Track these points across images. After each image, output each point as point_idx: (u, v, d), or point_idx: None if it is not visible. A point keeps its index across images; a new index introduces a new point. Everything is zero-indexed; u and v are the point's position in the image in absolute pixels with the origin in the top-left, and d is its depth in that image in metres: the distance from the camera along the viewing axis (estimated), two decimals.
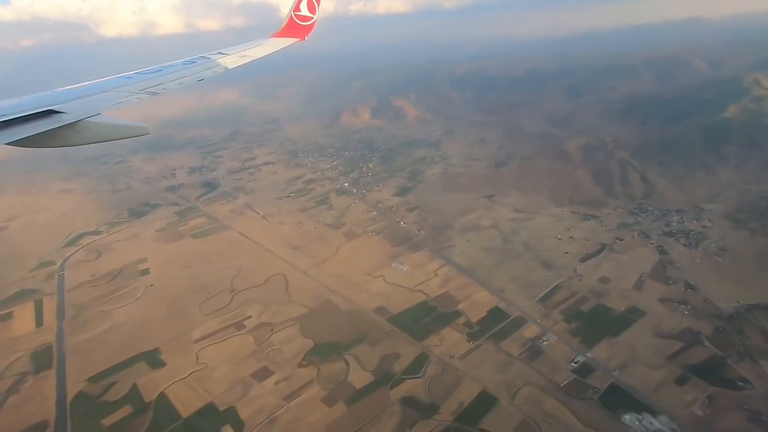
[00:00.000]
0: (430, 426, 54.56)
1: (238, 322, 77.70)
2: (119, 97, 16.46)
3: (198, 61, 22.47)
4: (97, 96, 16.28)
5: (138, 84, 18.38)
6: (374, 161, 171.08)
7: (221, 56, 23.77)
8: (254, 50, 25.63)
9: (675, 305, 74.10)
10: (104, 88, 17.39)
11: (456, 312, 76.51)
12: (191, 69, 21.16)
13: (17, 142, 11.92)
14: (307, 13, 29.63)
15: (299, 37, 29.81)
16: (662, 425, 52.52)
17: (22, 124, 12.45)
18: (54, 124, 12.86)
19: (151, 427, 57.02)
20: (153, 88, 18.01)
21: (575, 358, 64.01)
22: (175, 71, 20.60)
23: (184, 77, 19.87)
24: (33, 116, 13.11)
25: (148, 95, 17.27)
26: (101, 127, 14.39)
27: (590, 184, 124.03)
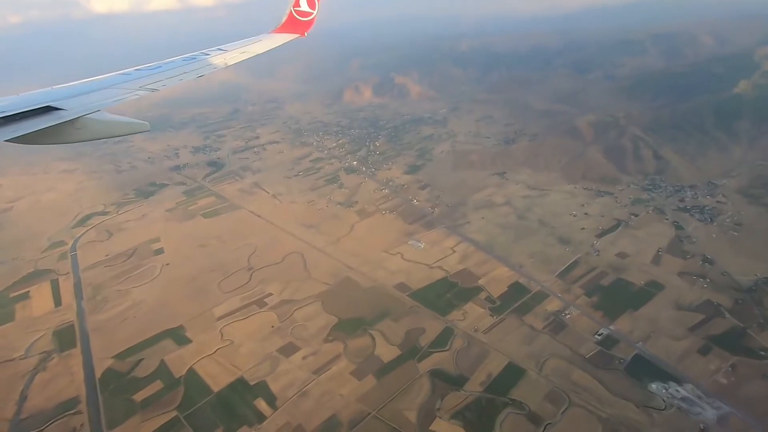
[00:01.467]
0: (461, 396, 55.44)
1: (260, 300, 77.79)
2: (119, 94, 16.61)
3: (197, 58, 22.69)
4: (97, 93, 16.36)
5: (137, 81, 18.51)
6: (381, 139, 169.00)
7: (220, 52, 23.92)
8: (253, 46, 25.88)
9: (693, 279, 74.83)
10: (104, 85, 17.47)
11: (477, 287, 76.92)
12: (190, 65, 21.42)
13: (17, 139, 12.04)
14: (307, 8, 29.57)
15: (299, 32, 29.94)
16: (688, 393, 53.67)
17: (22, 120, 12.59)
18: (54, 121, 12.95)
19: (184, 402, 57.54)
20: (152, 85, 18.21)
21: (599, 331, 64.83)
22: (174, 68, 20.80)
23: (184, 73, 20.16)
24: (33, 113, 13.20)
25: (148, 92, 17.50)
26: (101, 123, 14.64)
27: (602, 160, 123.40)
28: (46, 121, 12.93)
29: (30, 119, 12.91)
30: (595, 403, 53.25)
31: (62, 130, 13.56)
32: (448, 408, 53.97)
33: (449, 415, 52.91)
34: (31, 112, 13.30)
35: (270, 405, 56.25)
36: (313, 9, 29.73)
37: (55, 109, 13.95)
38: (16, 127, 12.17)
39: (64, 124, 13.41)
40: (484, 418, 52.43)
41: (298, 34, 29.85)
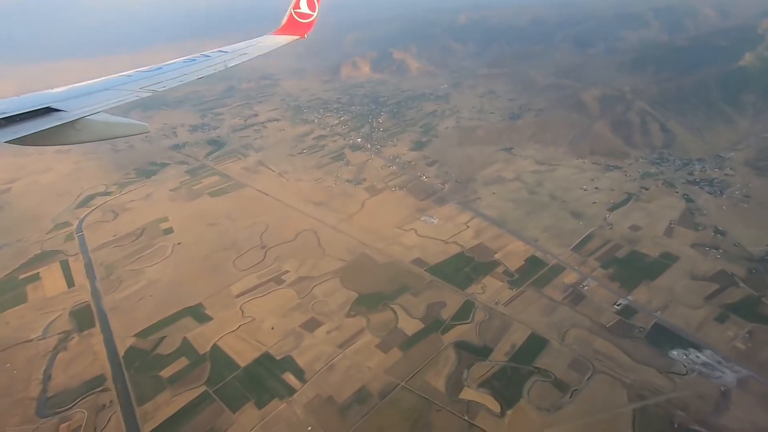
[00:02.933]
0: (487, 366, 56.43)
1: (277, 277, 77.56)
2: (119, 95, 16.62)
3: (198, 59, 22.80)
4: (97, 94, 16.40)
5: (138, 82, 18.54)
6: (383, 116, 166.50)
7: (221, 54, 24.06)
8: (254, 48, 26.10)
9: (706, 250, 76.02)
10: (104, 86, 17.47)
11: (494, 262, 77.41)
12: (191, 67, 21.43)
13: (18, 140, 12.20)
14: (307, 10, 29.78)
15: (299, 34, 30.22)
16: (708, 359, 55.19)
17: (22, 122, 12.69)
18: (54, 122, 13.05)
19: (212, 377, 57.83)
20: (153, 86, 18.27)
21: (617, 301, 65.94)
22: (175, 69, 20.85)
23: (184, 75, 20.15)
24: (33, 114, 13.27)
25: (148, 93, 17.60)
26: (101, 125, 14.73)
27: (609, 135, 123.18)
28: (47, 122, 13.02)
29: (30, 120, 12.98)
30: (618, 370, 54.56)
31: (62, 131, 13.68)
32: (476, 377, 54.96)
33: (477, 384, 53.92)
34: (32, 113, 13.32)
35: (299, 378, 56.78)
36: (313, 11, 29.95)
37: (56, 111, 14.00)
38: (16, 128, 12.29)
39: (65, 125, 13.50)
40: (512, 385, 53.54)
41: (298, 36, 30.08)
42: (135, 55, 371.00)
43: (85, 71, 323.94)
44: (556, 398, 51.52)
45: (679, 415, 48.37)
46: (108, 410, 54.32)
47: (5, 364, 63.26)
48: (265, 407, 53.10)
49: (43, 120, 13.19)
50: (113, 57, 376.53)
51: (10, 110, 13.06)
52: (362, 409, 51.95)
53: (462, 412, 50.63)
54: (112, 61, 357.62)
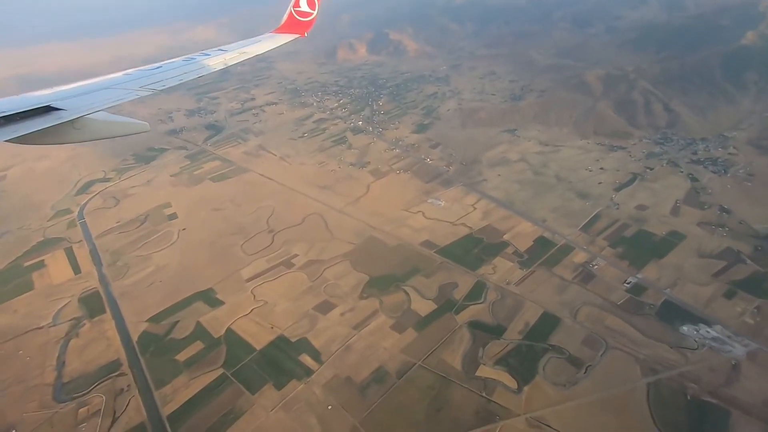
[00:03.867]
0: (501, 344, 57.14)
1: (286, 261, 77.36)
2: (119, 94, 16.57)
3: (197, 58, 22.87)
4: (97, 93, 16.32)
5: (138, 81, 18.54)
6: (383, 98, 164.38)
7: (221, 53, 24.13)
8: (254, 47, 26.10)
9: (713, 228, 76.78)
10: (104, 85, 17.46)
11: (503, 242, 77.69)
12: (191, 66, 21.54)
13: (18, 139, 12.19)
14: (307, 9, 29.72)
15: (299, 33, 30.18)
16: (718, 333, 56.28)
17: (22, 121, 12.68)
18: (54, 121, 13.04)
19: (229, 360, 58.04)
20: (153, 85, 18.30)
21: (627, 279, 66.70)
22: (174, 68, 20.90)
23: (184, 74, 20.22)
24: (33, 113, 13.24)
25: (148, 92, 17.64)
26: (101, 124, 14.87)
27: (613, 115, 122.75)
28: (47, 121, 12.98)
29: (30, 119, 12.95)
30: (631, 346, 55.52)
31: (62, 130, 13.73)
32: (491, 355, 55.68)
33: (493, 362, 54.66)
34: (32, 111, 13.28)
35: (315, 360, 57.17)
36: (313, 9, 29.85)
37: (56, 109, 13.85)
38: (16, 127, 12.25)
39: (65, 124, 13.48)
40: (527, 362, 54.35)
41: (298, 35, 30.14)
42: (125, 38, 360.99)
43: (72, 55, 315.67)
44: (571, 374, 52.43)
45: (692, 388, 49.49)
46: (126, 394, 54.48)
47: (17, 351, 63.00)
48: (284, 388, 53.52)
49: (42, 119, 13.10)
50: (102, 40, 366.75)
51: (10, 109, 12.92)
52: (381, 388, 52.55)
53: (479, 389, 51.40)
54: (100, 44, 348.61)
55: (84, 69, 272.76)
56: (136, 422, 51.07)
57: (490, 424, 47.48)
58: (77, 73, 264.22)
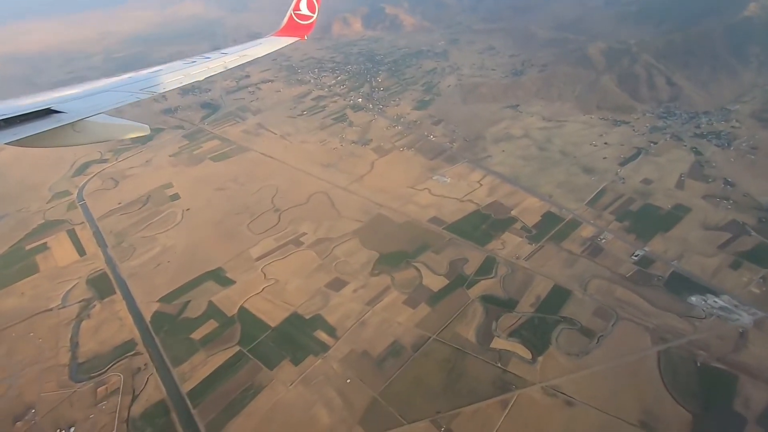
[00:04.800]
0: (514, 317, 58.04)
1: (295, 239, 77.09)
2: (119, 97, 16.59)
3: (198, 61, 22.95)
4: (97, 96, 16.35)
5: (138, 84, 18.51)
6: (382, 75, 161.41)
7: (222, 56, 24.19)
8: (254, 50, 26.11)
9: (717, 201, 77.66)
10: (104, 88, 17.44)
11: (511, 218, 77.98)
12: (191, 68, 21.49)
13: (18, 142, 12.20)
14: (307, 12, 29.79)
15: (299, 36, 30.10)
16: (725, 303, 57.61)
17: (22, 123, 12.67)
18: (54, 124, 13.06)
19: (244, 337, 58.35)
20: (153, 88, 18.29)
21: (635, 252, 67.60)
22: (175, 71, 20.89)
23: (184, 77, 20.24)
24: (33, 116, 13.22)
25: (148, 95, 17.61)
26: (101, 126, 14.77)
27: (616, 89, 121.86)
28: (47, 124, 13.00)
29: (30, 122, 12.94)
30: (641, 316, 56.71)
31: (63, 133, 13.71)
32: (504, 328, 56.59)
33: (507, 334, 55.61)
34: (32, 114, 13.26)
35: (331, 335, 57.70)
36: (313, 12, 29.97)
37: (55, 112, 13.81)
38: (16, 130, 12.26)
39: (65, 127, 13.54)
40: (540, 334, 55.37)
41: (298, 38, 30.07)
42: (110, 13, 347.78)
43: (55, 32, 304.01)
44: (583, 344, 53.58)
45: (701, 355, 50.93)
46: (144, 372, 54.76)
47: (28, 334, 62.66)
48: (301, 363, 54.11)
49: (43, 122, 13.10)
50: (86, 15, 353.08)
51: (10, 112, 12.90)
52: (398, 361, 53.35)
53: (495, 360, 52.42)
54: (84, 19, 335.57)
55: (68, 46, 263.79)
56: (156, 399, 51.50)
57: (506, 393, 48.63)
58: (61, 51, 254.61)
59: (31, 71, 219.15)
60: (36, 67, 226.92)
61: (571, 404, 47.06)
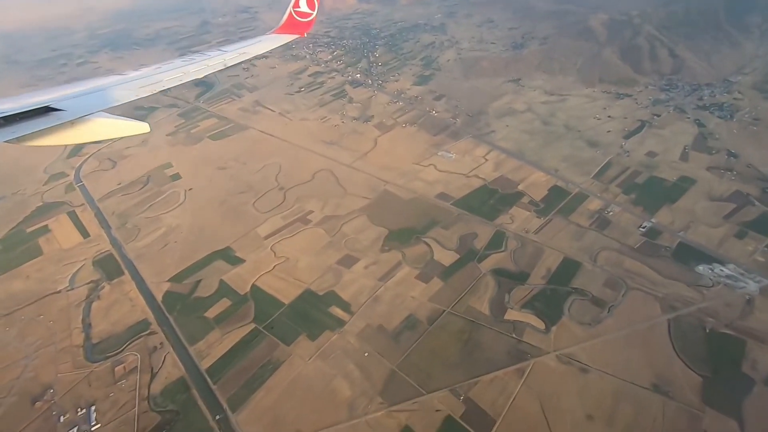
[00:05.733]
0: (526, 290, 58.82)
1: (302, 217, 76.57)
2: (118, 95, 16.57)
3: (197, 58, 22.86)
4: (97, 94, 16.38)
5: (137, 82, 18.55)
6: (379, 49, 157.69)
7: (220, 53, 23.98)
8: (254, 47, 25.97)
9: (721, 172, 78.38)
10: (104, 86, 17.35)
11: (518, 193, 78.07)
12: (190, 66, 21.58)
13: (17, 140, 12.20)
14: (307, 9, 29.62)
15: (299, 33, 30.03)
16: (731, 271, 58.87)
17: (21, 121, 12.69)
18: (53, 122, 13.10)
19: (258, 315, 58.50)
20: (152, 86, 18.41)
21: (642, 224, 68.36)
22: (174, 69, 20.95)
23: (183, 75, 20.40)
24: (33, 113, 13.22)
25: (148, 93, 17.77)
26: (100, 124, 14.74)
27: (618, 62, 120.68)
28: (46, 122, 13.02)
29: (30, 120, 12.97)
30: (650, 286, 57.80)
31: (62, 131, 13.73)
32: (517, 300, 57.40)
33: (520, 306, 56.45)
34: (31, 112, 13.25)
35: (345, 311, 58.07)
36: (313, 9, 29.77)
37: (55, 110, 13.77)
38: (15, 128, 12.27)
39: (64, 125, 13.56)
40: (552, 305, 56.29)
41: (298, 35, 29.97)
42: None
43: (32, 7, 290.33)
44: (595, 313, 54.64)
45: (710, 322, 52.29)
46: (160, 351, 54.87)
47: (38, 316, 62.16)
48: (318, 338, 54.57)
49: (42, 119, 13.09)
50: None
51: (10, 110, 12.86)
52: (414, 334, 54.04)
53: (509, 331, 53.32)
54: None
55: (49, 23, 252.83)
56: (175, 377, 51.80)
57: (522, 362, 49.69)
58: (42, 28, 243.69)
59: (10, 49, 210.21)
60: (16, 45, 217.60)
61: (586, 371, 48.29)
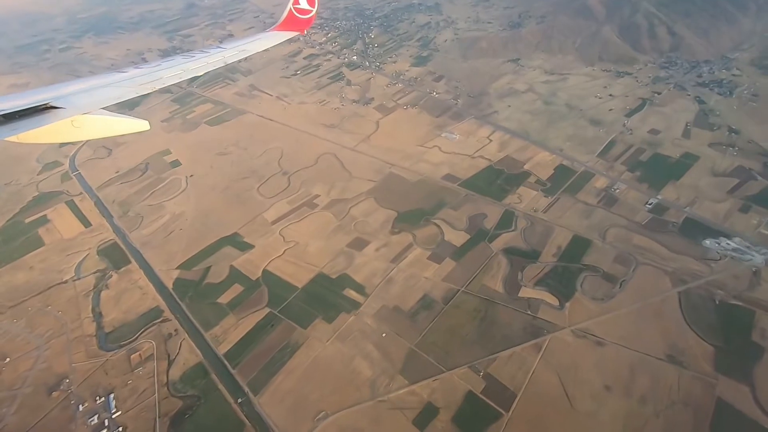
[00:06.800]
0: (538, 267, 59.39)
1: (309, 201, 75.88)
2: (118, 92, 16.51)
3: (197, 56, 22.55)
4: (97, 91, 16.30)
5: (137, 79, 18.41)
6: (374, 31, 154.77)
7: (220, 50, 23.74)
8: (254, 44, 25.81)
9: (723, 148, 79.27)
10: (103, 83, 17.24)
11: (524, 172, 78.16)
12: (190, 63, 21.34)
13: (17, 137, 12.13)
14: (307, 6, 29.54)
15: (298, 30, 29.80)
16: (737, 245, 60.04)
17: (21, 119, 12.65)
18: (53, 120, 13.11)
19: (272, 299, 58.28)
20: (152, 83, 18.23)
21: (648, 201, 69.11)
22: (173, 66, 20.68)
23: (183, 71, 20.15)
24: (33, 111, 13.20)
25: (148, 90, 17.60)
26: (100, 122, 14.76)
27: (617, 40, 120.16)
28: (46, 120, 13.01)
29: (30, 117, 12.94)
30: (659, 261, 58.76)
31: (62, 129, 13.70)
32: (530, 277, 57.98)
33: (533, 283, 57.07)
34: (31, 110, 13.24)
35: (360, 293, 58.13)
36: (312, 6, 29.70)
37: (55, 108, 13.74)
38: (15, 126, 12.27)
39: (64, 123, 13.56)
40: (565, 282, 57.01)
41: (298, 32, 29.81)
42: None
43: None
44: (607, 289, 55.51)
45: (719, 294, 53.50)
46: (176, 338, 54.55)
47: (46, 307, 61.19)
48: (334, 321, 54.68)
49: (42, 117, 13.11)
50: None
51: (10, 107, 12.88)
52: (430, 314, 54.43)
53: (524, 308, 53.99)
54: None
55: (28, 7, 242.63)
56: (193, 362, 51.65)
57: (539, 338, 50.48)
58: (21, 13, 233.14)
59: None
60: None
61: (601, 344, 49.26)
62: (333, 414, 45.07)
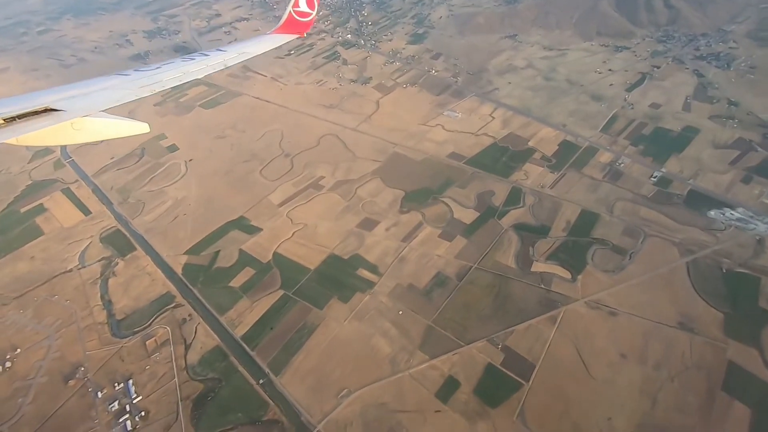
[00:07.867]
0: (549, 242, 59.99)
1: (314, 183, 75.01)
2: (118, 95, 16.49)
3: (196, 58, 22.51)
4: (97, 94, 16.31)
5: (137, 81, 18.42)
6: (367, 8, 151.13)
7: (220, 53, 23.70)
8: (253, 47, 25.81)
9: (723, 120, 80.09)
10: (104, 86, 17.29)
11: (529, 149, 78.15)
12: (190, 66, 21.27)
13: (17, 140, 12.17)
14: (306, 9, 29.54)
15: (298, 32, 29.78)
16: (741, 215, 61.32)
17: (21, 122, 12.70)
18: (53, 122, 13.13)
19: (285, 281, 58.02)
20: (152, 86, 18.21)
21: (653, 174, 69.87)
22: (173, 68, 20.60)
23: (183, 74, 20.05)
24: (33, 114, 13.22)
25: (148, 93, 17.59)
26: (100, 124, 14.75)
27: (614, 14, 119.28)
28: (46, 122, 13.01)
29: (30, 120, 12.98)
30: (666, 232, 59.79)
31: (62, 131, 13.79)
32: (542, 252, 58.60)
33: (545, 258, 57.72)
34: (32, 113, 13.32)
35: (373, 272, 58.18)
36: (312, 9, 29.69)
37: (55, 111, 13.84)
38: (16, 128, 12.34)
39: (64, 125, 13.64)
40: (576, 255, 57.77)
41: (298, 34, 29.76)
42: None
43: None
44: (617, 261, 56.45)
45: (726, 262, 54.82)
46: (190, 323, 54.19)
47: (52, 296, 60.06)
48: (350, 300, 54.80)
49: (42, 120, 13.16)
50: None
51: (11, 110, 12.99)
52: (444, 291, 54.85)
53: (537, 282, 54.71)
54: None
55: None
56: (210, 346, 51.47)
57: (553, 310, 51.35)
58: None
59: None
60: None
61: (615, 314, 50.34)
62: (356, 391, 45.55)
